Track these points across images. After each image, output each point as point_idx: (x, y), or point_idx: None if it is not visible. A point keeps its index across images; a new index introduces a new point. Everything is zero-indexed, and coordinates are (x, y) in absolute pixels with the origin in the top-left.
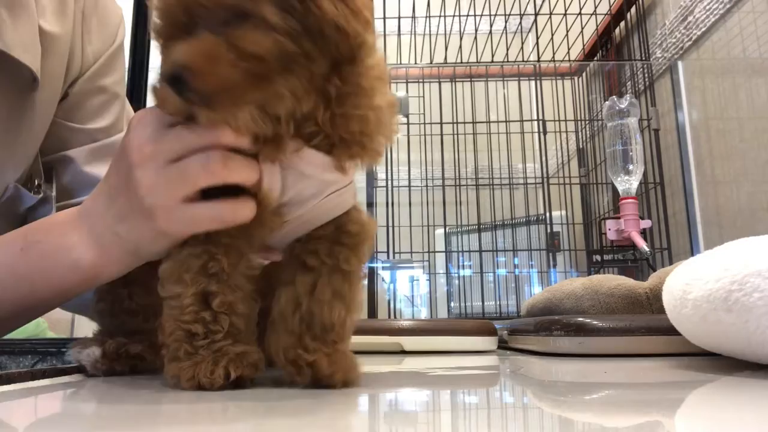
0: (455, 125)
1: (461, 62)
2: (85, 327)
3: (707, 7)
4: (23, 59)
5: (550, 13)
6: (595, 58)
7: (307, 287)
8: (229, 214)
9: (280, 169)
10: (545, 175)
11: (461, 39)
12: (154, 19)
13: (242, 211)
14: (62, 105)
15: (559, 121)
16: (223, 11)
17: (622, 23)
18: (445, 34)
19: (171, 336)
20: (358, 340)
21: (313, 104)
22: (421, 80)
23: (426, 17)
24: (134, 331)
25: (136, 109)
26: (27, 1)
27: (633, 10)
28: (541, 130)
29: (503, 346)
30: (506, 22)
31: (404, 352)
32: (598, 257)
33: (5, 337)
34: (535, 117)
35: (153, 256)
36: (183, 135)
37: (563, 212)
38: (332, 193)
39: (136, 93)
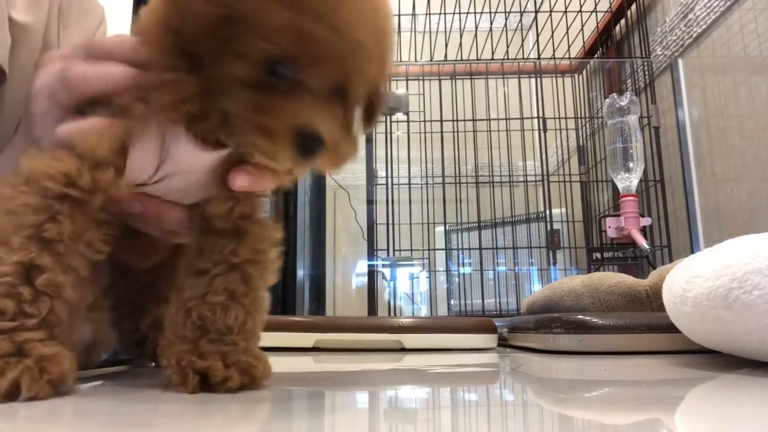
0: (455, 123)
1: (461, 60)
2: None
3: (708, 5)
4: None
5: (551, 11)
6: (596, 56)
7: (198, 291)
8: (103, 73)
9: (166, 143)
10: (545, 173)
11: (461, 36)
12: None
13: (114, 73)
14: None
15: (560, 118)
16: (340, 85)
17: (623, 21)
18: (446, 31)
19: None
20: (358, 338)
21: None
22: (421, 78)
23: (426, 14)
24: None
25: None
26: None
27: (633, 7)
28: (542, 127)
29: (503, 343)
30: (506, 19)
31: (404, 350)
32: (598, 255)
33: None
34: (535, 114)
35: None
36: (88, 68)
37: (563, 210)
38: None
39: None
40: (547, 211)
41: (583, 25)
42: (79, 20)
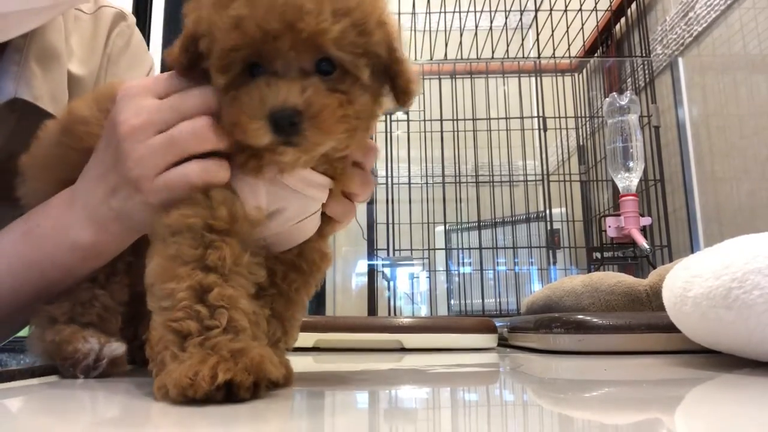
0: (455, 122)
1: (461, 59)
2: None
3: (708, 4)
4: (50, 109)
5: (551, 10)
6: (596, 55)
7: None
8: (203, 174)
9: (266, 183)
10: (545, 172)
11: (461, 35)
12: (216, 55)
13: (216, 170)
14: None
15: (560, 117)
16: (308, 61)
17: (623, 20)
18: (445, 30)
19: (159, 343)
20: (358, 338)
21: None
22: (420, 77)
23: (426, 13)
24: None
25: None
26: (59, 52)
27: (633, 6)
28: (542, 127)
29: (503, 343)
30: (506, 18)
31: (404, 350)
32: (598, 254)
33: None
34: (535, 114)
35: (150, 229)
36: (175, 104)
37: (563, 209)
38: (306, 218)
39: None
40: (547, 211)
41: (583, 24)
42: (128, 70)
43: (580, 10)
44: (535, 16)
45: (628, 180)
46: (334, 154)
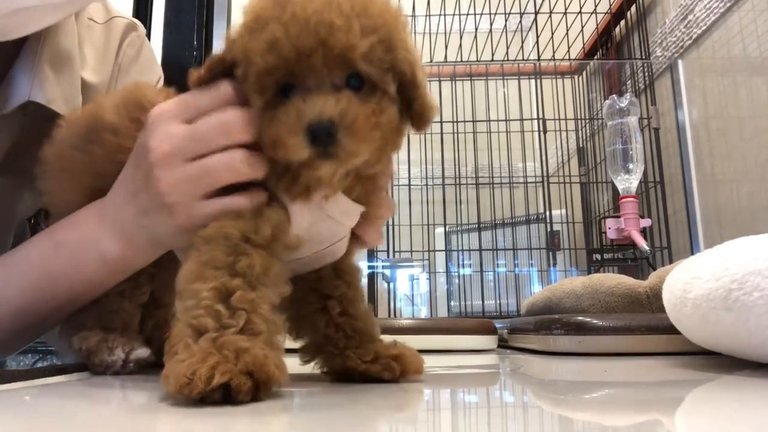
0: (455, 124)
1: (461, 61)
2: None
3: (707, 6)
4: (64, 112)
5: (551, 12)
6: (596, 57)
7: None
8: (245, 204)
9: (309, 210)
10: (545, 174)
11: (461, 38)
12: (252, 79)
13: (256, 200)
14: None
15: (559, 119)
16: (339, 77)
17: (623, 22)
18: (445, 32)
19: (176, 337)
20: None
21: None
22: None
23: (426, 16)
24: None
25: None
26: (72, 55)
27: (633, 8)
28: (541, 128)
29: (503, 345)
30: (506, 20)
31: None
32: (598, 256)
33: None
34: (535, 116)
35: (177, 246)
36: (203, 132)
37: (563, 211)
38: (334, 243)
39: None
40: (547, 213)
41: (582, 27)
42: (139, 77)
43: (580, 12)
44: (535, 19)
45: (628, 182)
46: (366, 170)
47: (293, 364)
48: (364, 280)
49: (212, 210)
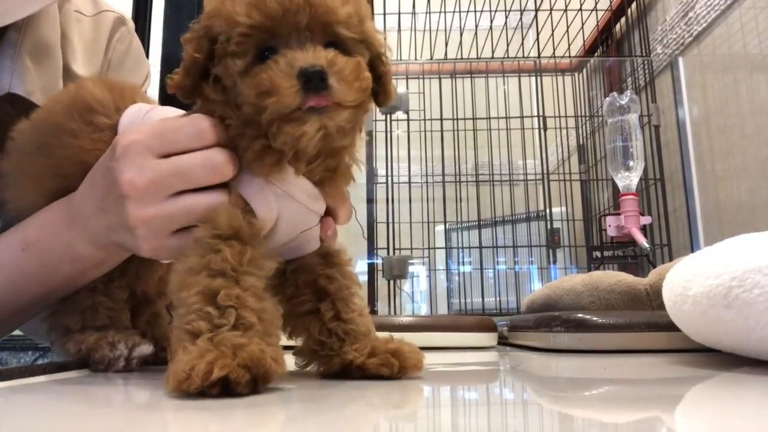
0: (455, 121)
1: (461, 58)
2: None
3: (708, 3)
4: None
5: (551, 9)
6: (596, 54)
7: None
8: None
9: (274, 196)
10: (545, 172)
11: (461, 35)
12: (234, 41)
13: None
14: None
15: (560, 117)
16: (319, 42)
17: (623, 19)
18: (446, 30)
19: (175, 344)
20: None
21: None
22: (421, 76)
23: (426, 13)
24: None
25: None
26: (53, 46)
27: (634, 6)
28: (542, 126)
29: (503, 342)
30: (506, 18)
31: None
32: (598, 253)
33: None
34: (535, 113)
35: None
36: (185, 168)
37: (563, 208)
38: (310, 229)
39: None
40: (547, 210)
41: (583, 24)
42: (128, 76)
43: (580, 9)
44: (535, 16)
45: (628, 179)
46: (339, 139)
47: (291, 360)
48: (364, 277)
49: (178, 244)
